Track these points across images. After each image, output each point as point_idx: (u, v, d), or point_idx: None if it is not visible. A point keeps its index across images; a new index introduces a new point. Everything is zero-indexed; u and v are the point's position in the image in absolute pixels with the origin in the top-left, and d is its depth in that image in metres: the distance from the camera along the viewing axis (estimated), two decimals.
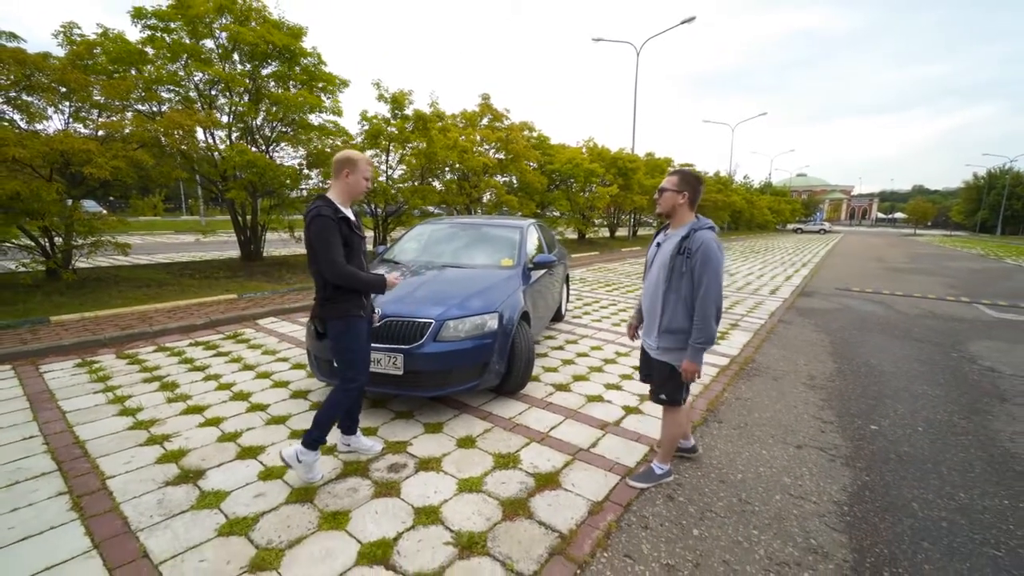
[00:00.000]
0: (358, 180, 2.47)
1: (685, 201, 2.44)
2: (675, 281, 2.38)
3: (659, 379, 2.57)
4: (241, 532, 2.15)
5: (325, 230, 2.33)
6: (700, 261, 2.30)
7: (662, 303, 2.44)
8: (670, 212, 2.49)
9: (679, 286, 2.37)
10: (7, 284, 6.48)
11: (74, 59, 6.79)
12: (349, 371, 2.53)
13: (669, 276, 2.40)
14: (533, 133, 16.05)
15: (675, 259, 2.38)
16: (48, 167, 6.20)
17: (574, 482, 2.63)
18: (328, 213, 2.35)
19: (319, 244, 2.33)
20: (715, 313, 2.32)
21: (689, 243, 2.35)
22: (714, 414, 3.62)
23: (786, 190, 66.22)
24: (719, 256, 2.32)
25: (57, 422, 3.17)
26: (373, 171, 3.34)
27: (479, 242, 4.75)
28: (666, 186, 2.45)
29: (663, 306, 2.44)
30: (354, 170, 2.46)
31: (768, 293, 9.53)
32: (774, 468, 2.85)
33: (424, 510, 2.34)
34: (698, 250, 2.31)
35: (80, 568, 1.92)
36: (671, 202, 2.45)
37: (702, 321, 2.32)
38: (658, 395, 2.59)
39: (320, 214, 2.34)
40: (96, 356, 4.54)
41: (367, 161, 2.51)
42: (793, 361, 5.03)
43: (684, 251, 2.35)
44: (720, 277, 2.32)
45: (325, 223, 2.33)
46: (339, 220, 2.37)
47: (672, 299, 2.41)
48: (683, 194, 2.43)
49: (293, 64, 9.10)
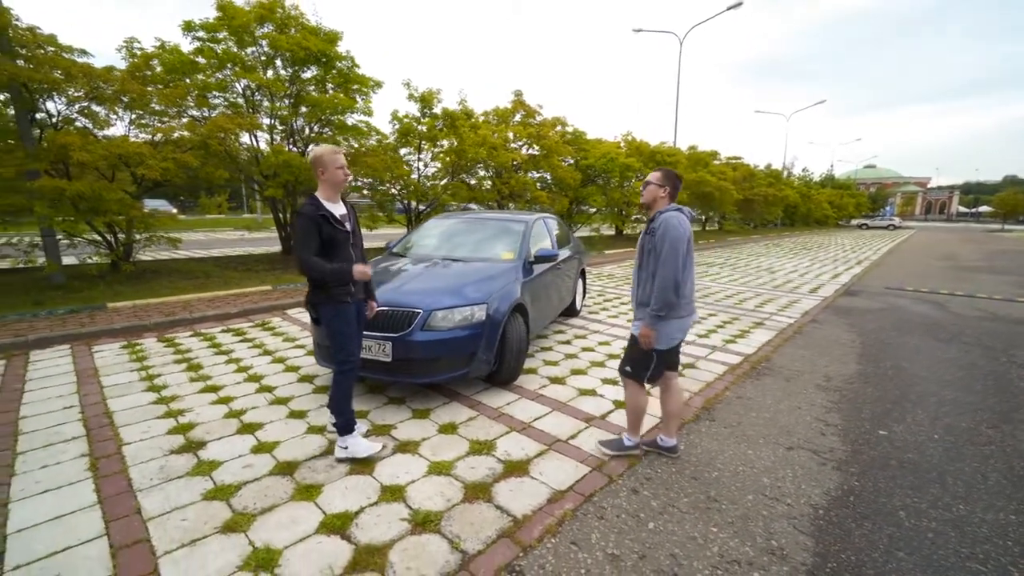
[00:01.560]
0: (334, 173, 2.59)
1: (666, 195, 2.66)
2: (644, 259, 2.65)
3: (627, 351, 2.80)
4: (223, 498, 2.36)
5: (301, 226, 2.51)
6: (659, 238, 2.51)
7: (637, 280, 2.72)
8: (651, 204, 2.70)
9: (647, 263, 2.62)
10: (78, 275, 7.28)
11: (133, 71, 7.48)
12: (341, 353, 2.70)
13: (641, 255, 2.67)
14: (567, 128, 15.90)
15: (644, 239, 2.65)
16: (110, 169, 6.89)
17: (542, 471, 2.67)
18: (307, 211, 2.51)
19: (295, 238, 2.52)
20: (672, 284, 2.49)
21: (654, 224, 2.58)
22: (709, 412, 3.52)
23: (851, 183, 61.75)
24: (679, 231, 2.50)
25: (95, 395, 3.57)
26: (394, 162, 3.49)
27: (483, 236, 4.84)
28: (651, 180, 2.68)
29: (638, 283, 2.70)
30: (326, 167, 2.58)
31: (808, 291, 9.01)
32: (755, 468, 2.76)
33: (391, 488, 2.47)
34: (658, 228, 2.53)
35: (83, 518, 2.19)
36: (653, 194, 2.67)
37: (659, 290, 2.50)
38: (623, 366, 2.79)
39: (300, 212, 2.53)
40: (140, 339, 5.03)
41: (333, 151, 2.61)
42: (812, 362, 4.77)
43: (651, 231, 2.60)
44: (678, 250, 2.48)
45: (302, 220, 2.51)
46: (319, 217, 2.52)
47: (643, 276, 2.65)
48: (664, 188, 2.65)
49: (329, 68, 9.57)
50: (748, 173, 29.38)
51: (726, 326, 6.13)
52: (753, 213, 31.05)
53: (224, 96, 9.03)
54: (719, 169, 24.96)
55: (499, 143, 12.12)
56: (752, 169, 30.98)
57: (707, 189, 21.31)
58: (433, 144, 11.32)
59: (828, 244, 22.41)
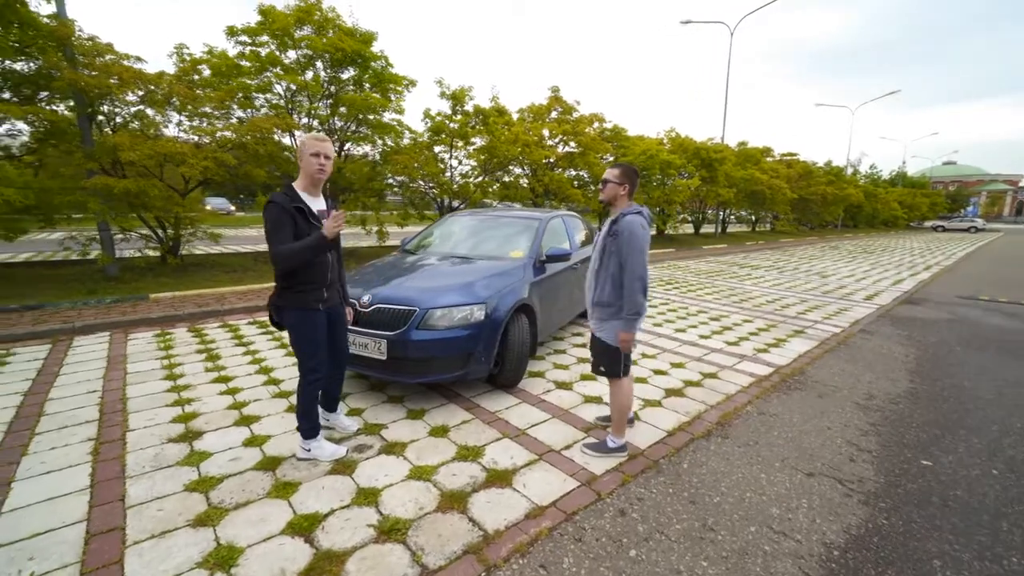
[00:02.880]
0: (307, 162, 2.40)
1: (625, 192, 2.65)
2: (606, 260, 2.63)
3: (594, 353, 2.78)
4: (203, 490, 2.38)
5: (274, 216, 2.33)
6: (625, 240, 2.50)
7: (594, 280, 2.70)
8: (612, 201, 2.68)
9: (608, 264, 2.61)
10: (130, 267, 7.82)
11: (181, 75, 7.93)
12: (307, 363, 2.56)
13: (601, 256, 2.65)
14: (606, 124, 15.49)
15: (605, 240, 2.63)
16: (157, 168, 7.34)
17: (526, 483, 2.52)
18: (279, 200, 2.33)
19: (267, 229, 2.34)
20: (639, 287, 2.49)
21: (617, 225, 2.57)
22: (723, 428, 3.23)
23: (925, 181, 56.67)
24: (642, 235, 2.51)
25: (117, 381, 3.76)
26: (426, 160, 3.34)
27: (495, 233, 4.71)
28: (609, 178, 2.65)
29: (595, 283, 2.69)
30: (300, 153, 2.41)
31: (862, 298, 8.26)
32: (765, 496, 2.48)
33: (366, 491, 2.40)
34: (622, 231, 2.52)
35: (72, 502, 2.27)
36: (613, 192, 2.65)
37: (629, 294, 2.51)
38: (597, 367, 2.78)
39: (271, 200, 2.34)
40: (172, 329, 5.30)
41: (312, 137, 2.44)
42: (854, 377, 4.31)
43: (613, 233, 2.58)
44: (642, 254, 2.49)
45: (272, 210, 2.33)
46: (293, 209, 2.34)
47: (602, 276, 2.64)
48: (624, 186, 2.64)
49: (365, 68, 9.76)
50: (805, 170, 27.60)
51: (760, 334, 5.70)
52: (809, 213, 29.12)
53: (266, 97, 9.41)
54: (771, 166, 23.57)
55: (532, 140, 11.96)
56: (810, 166, 29.07)
57: (757, 187, 20.15)
58: (466, 142, 11.32)
59: (894, 247, 20.62)
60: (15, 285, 6.60)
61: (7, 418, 3.10)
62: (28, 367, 4.01)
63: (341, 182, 9.83)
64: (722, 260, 13.90)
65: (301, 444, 2.68)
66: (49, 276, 7.32)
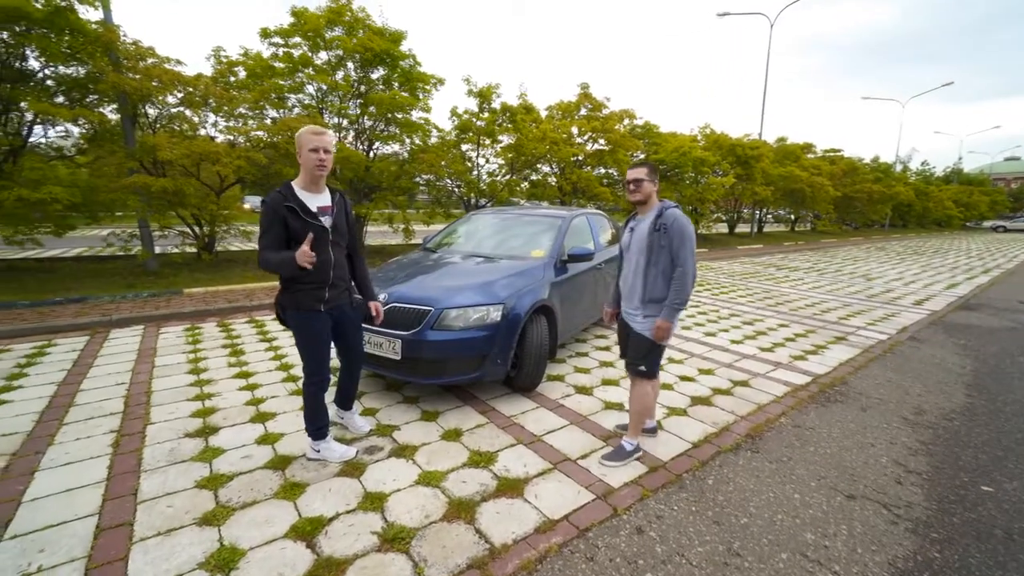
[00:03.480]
0: (306, 157, 2.30)
1: (656, 188, 2.66)
2: (654, 256, 2.56)
3: (638, 350, 2.66)
4: (213, 487, 2.38)
5: (264, 218, 2.28)
6: (677, 237, 2.50)
7: (643, 278, 2.61)
8: (647, 199, 2.64)
9: (658, 260, 2.56)
10: (167, 262, 8.13)
11: (218, 77, 8.17)
12: (308, 364, 2.52)
13: (649, 252, 2.58)
14: (636, 121, 15.11)
15: (652, 236, 2.56)
16: (194, 167, 7.59)
17: (538, 493, 2.40)
18: (272, 200, 2.27)
19: (260, 229, 2.32)
20: (692, 276, 2.53)
21: (663, 220, 2.54)
22: (753, 441, 3.02)
23: (984, 178, 52.99)
24: (690, 227, 2.54)
25: (144, 374, 3.86)
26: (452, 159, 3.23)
27: (516, 232, 4.60)
28: (643, 177, 2.61)
29: (644, 280, 2.61)
30: (299, 147, 2.30)
31: (911, 303, 7.72)
32: (799, 519, 2.27)
33: (373, 495, 2.34)
34: (672, 225, 2.51)
35: (88, 495, 2.30)
36: (650, 191, 2.63)
37: (678, 284, 2.50)
38: (637, 367, 2.68)
39: (264, 200, 2.29)
40: (202, 323, 5.44)
41: (310, 130, 2.31)
42: (903, 388, 3.98)
43: (660, 228, 2.54)
44: (693, 247, 2.52)
45: (265, 211, 2.28)
46: (284, 208, 2.26)
47: (653, 272, 2.58)
48: (655, 182, 2.64)
49: (394, 67, 9.82)
50: (849, 167, 26.26)
51: (798, 339, 5.37)
52: (854, 212, 27.68)
53: (297, 98, 9.61)
54: (812, 163, 22.50)
55: (560, 138, 11.77)
56: (855, 163, 27.63)
57: (796, 185, 19.27)
58: (493, 140, 11.25)
59: (947, 249, 19.32)
60: (63, 279, 6.95)
61: (40, 407, 3.21)
62: (65, 358, 4.17)
63: (370, 180, 9.93)
64: (757, 261, 13.33)
65: (311, 445, 2.65)
66: (94, 270, 7.69)
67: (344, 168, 8.56)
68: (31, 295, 5.96)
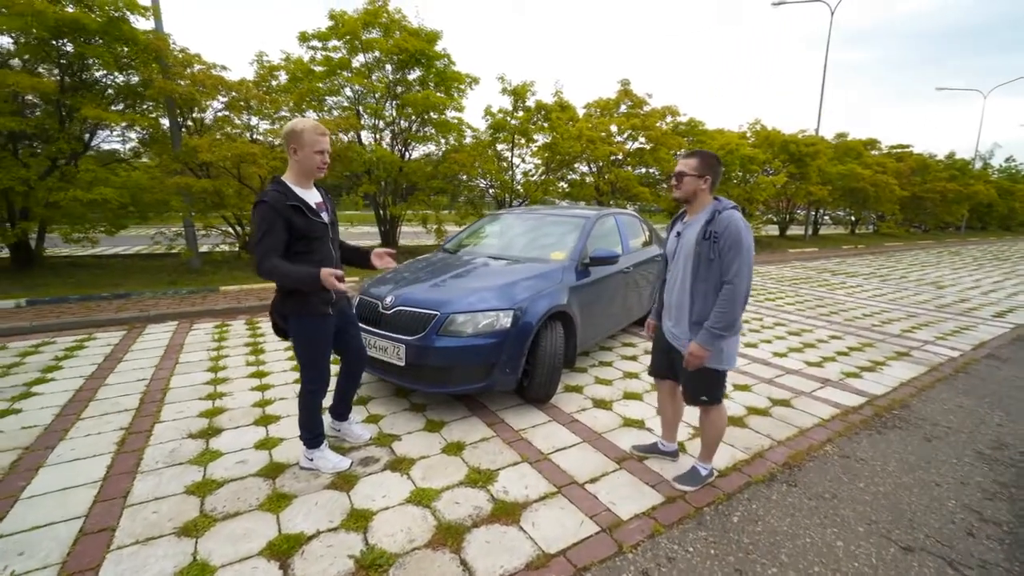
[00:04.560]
0: (308, 155, 2.18)
1: (707, 186, 2.23)
2: (703, 270, 2.17)
3: (692, 380, 2.33)
4: (201, 494, 2.31)
5: (263, 219, 2.10)
6: (728, 244, 2.08)
7: (690, 295, 2.24)
8: (690, 197, 2.26)
9: (708, 275, 2.16)
10: (209, 260, 8.47)
11: (260, 81, 8.44)
12: (310, 371, 2.40)
13: (696, 265, 2.19)
14: (679, 118, 14.44)
15: (700, 245, 2.15)
16: (235, 168, 7.86)
17: (536, 521, 2.17)
18: (272, 199, 2.10)
19: (254, 233, 2.13)
20: (743, 299, 2.12)
21: (714, 226, 2.12)
22: (790, 472, 2.65)
23: None
24: (748, 237, 2.10)
25: (166, 370, 3.94)
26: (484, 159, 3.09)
27: (537, 233, 4.38)
28: (685, 170, 2.21)
29: (691, 297, 2.23)
30: (300, 144, 2.16)
31: (990, 315, 6.85)
32: (842, 573, 1.93)
33: (359, 513, 2.19)
34: (724, 232, 2.09)
35: (81, 495, 2.29)
36: (692, 187, 2.22)
37: (725, 304, 2.09)
38: (698, 397, 2.34)
39: (262, 200, 2.10)
40: (232, 320, 5.56)
41: (316, 129, 2.18)
42: (978, 417, 3.45)
43: (710, 235, 2.12)
44: (750, 262, 2.10)
45: (264, 211, 2.09)
46: (288, 208, 2.13)
47: (701, 289, 2.19)
48: (704, 178, 2.21)
49: (429, 68, 9.83)
50: (920, 164, 24.15)
51: (852, 353, 4.83)
52: (924, 214, 25.42)
53: (334, 100, 9.80)
54: (876, 160, 20.83)
55: (597, 136, 11.41)
56: (926, 159, 25.37)
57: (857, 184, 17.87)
58: (528, 139, 11.05)
59: None
60: (113, 275, 7.38)
61: (62, 401, 3.31)
62: (99, 352, 4.34)
63: (403, 181, 9.98)
64: (810, 266, 12.40)
65: (304, 453, 2.54)
66: (143, 267, 8.13)
67: (377, 169, 8.62)
68: (83, 289, 6.33)
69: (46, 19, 6.15)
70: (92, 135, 7.83)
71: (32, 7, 6.01)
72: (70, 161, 7.30)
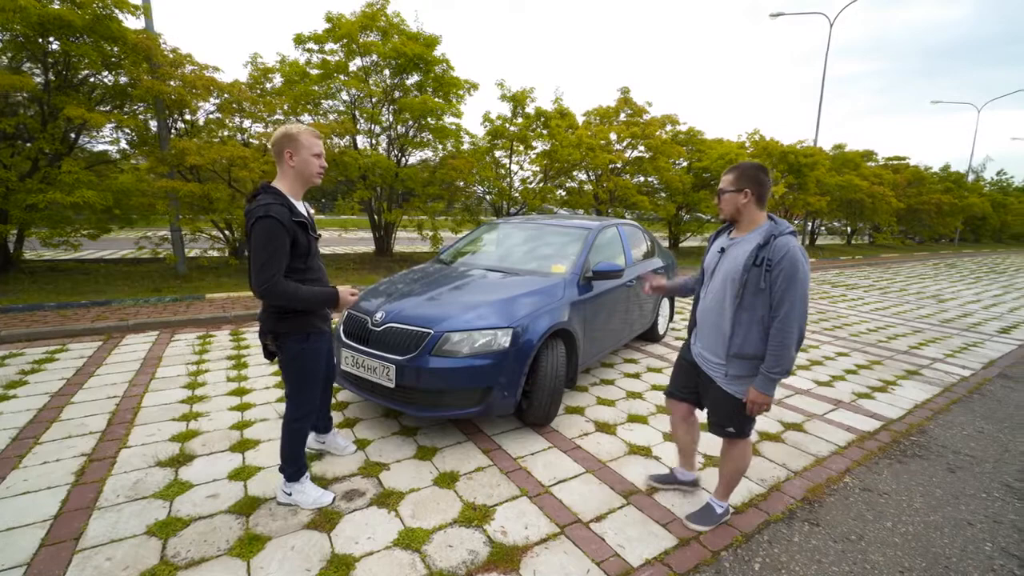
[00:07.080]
0: (306, 160, 2.01)
1: (750, 200, 1.99)
2: (748, 298, 1.95)
3: (721, 411, 2.14)
4: (164, 535, 2.07)
5: (271, 237, 1.87)
6: (784, 276, 1.86)
7: (731, 323, 2.02)
8: (735, 216, 2.06)
9: (754, 304, 1.95)
10: (196, 266, 8.21)
11: (253, 84, 8.24)
12: (300, 396, 2.20)
13: (740, 292, 1.96)
14: (679, 127, 14.38)
15: (750, 271, 1.93)
16: (225, 172, 7.63)
17: (538, 569, 1.95)
18: (279, 214, 1.88)
19: (258, 252, 1.89)
20: (799, 339, 1.89)
21: (769, 253, 1.89)
22: (812, 508, 2.45)
23: None
24: (805, 270, 1.88)
25: (140, 387, 3.68)
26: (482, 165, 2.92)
27: (536, 244, 4.18)
28: (723, 187, 2.03)
29: (732, 327, 2.01)
30: (297, 148, 1.99)
31: (995, 331, 6.72)
32: None
33: (340, 559, 1.96)
34: (781, 262, 1.86)
35: (27, 537, 2.04)
36: (733, 204, 2.02)
37: (779, 347, 1.89)
38: (724, 428, 2.15)
39: (268, 215, 1.86)
40: (216, 331, 5.31)
41: (312, 133, 2.02)
42: (1001, 443, 3.27)
43: (762, 262, 1.90)
44: (806, 297, 1.89)
45: (273, 228, 1.86)
46: (295, 224, 1.94)
47: (745, 319, 1.98)
48: (744, 192, 1.98)
49: (428, 72, 9.67)
50: (915, 176, 24.29)
51: (861, 371, 4.66)
52: (919, 225, 25.54)
53: (330, 104, 9.61)
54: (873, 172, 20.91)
55: (596, 144, 11.28)
56: (921, 172, 25.55)
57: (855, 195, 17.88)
58: (527, 146, 10.90)
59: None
60: (95, 281, 7.10)
61: (22, 422, 3.05)
62: (69, 365, 4.08)
63: (399, 187, 9.79)
64: (816, 277, 12.29)
65: (282, 487, 2.31)
66: (127, 273, 7.85)
67: (373, 175, 8.42)
68: (62, 296, 6.05)
69: (29, 15, 5.93)
70: (77, 136, 7.59)
71: (15, 2, 5.79)
72: (52, 163, 7.05)
